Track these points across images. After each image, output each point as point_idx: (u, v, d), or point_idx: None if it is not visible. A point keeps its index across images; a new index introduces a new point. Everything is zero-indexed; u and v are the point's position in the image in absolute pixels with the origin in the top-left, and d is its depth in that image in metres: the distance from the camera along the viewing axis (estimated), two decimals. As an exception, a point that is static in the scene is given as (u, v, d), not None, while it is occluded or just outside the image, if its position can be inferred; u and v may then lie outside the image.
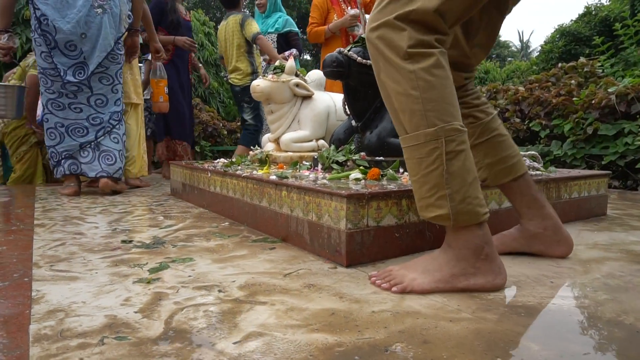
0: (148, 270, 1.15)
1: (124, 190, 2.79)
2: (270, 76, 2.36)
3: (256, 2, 4.01)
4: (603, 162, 3.25)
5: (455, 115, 0.98)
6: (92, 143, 2.58)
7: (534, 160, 1.92)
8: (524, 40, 30.39)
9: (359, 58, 1.72)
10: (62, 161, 2.58)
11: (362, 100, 1.82)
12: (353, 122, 1.89)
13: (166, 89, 3.24)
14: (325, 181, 1.47)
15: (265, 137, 2.57)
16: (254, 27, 3.36)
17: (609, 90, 3.31)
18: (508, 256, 1.28)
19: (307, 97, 2.42)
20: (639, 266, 1.21)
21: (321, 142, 2.42)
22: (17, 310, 0.88)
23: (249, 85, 3.23)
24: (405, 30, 0.97)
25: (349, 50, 1.75)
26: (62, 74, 2.45)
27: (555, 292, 1.00)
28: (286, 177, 1.56)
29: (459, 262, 1.00)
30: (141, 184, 3.07)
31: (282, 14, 4.03)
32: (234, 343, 0.74)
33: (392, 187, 1.30)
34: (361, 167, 1.59)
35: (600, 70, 4.23)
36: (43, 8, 2.37)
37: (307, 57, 22.28)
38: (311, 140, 2.39)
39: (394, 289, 1.00)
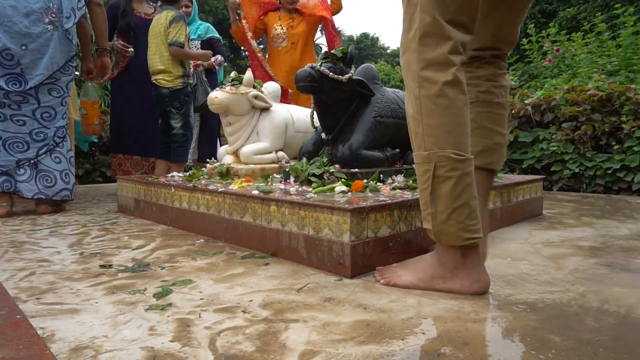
0: (154, 296, 1.10)
1: (63, 210, 2.58)
2: (228, 88, 2.33)
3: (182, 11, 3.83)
4: (523, 166, 3.65)
5: (451, 143, 1.02)
6: (31, 161, 2.37)
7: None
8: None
9: (330, 74, 1.78)
10: None
11: (333, 114, 1.88)
12: (323, 135, 1.95)
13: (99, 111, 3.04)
14: (312, 194, 1.50)
15: (222, 149, 2.53)
16: (179, 34, 2.99)
17: (525, 101, 3.72)
18: (489, 257, 1.41)
19: (265, 109, 2.43)
20: (593, 260, 1.40)
21: (280, 153, 2.43)
22: (34, 352, 0.81)
23: (180, 88, 3.08)
24: (416, 53, 1.03)
25: (320, 65, 1.80)
26: None
27: (543, 288, 1.14)
28: (270, 192, 1.56)
29: (440, 266, 1.12)
30: None
31: (202, 22, 3.98)
32: (295, 363, 0.76)
33: (384, 199, 1.38)
34: (343, 180, 1.64)
35: (513, 83, 4.73)
36: None
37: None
38: (271, 152, 2.40)
39: (381, 281, 1.17)
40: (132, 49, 3.19)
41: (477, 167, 1.18)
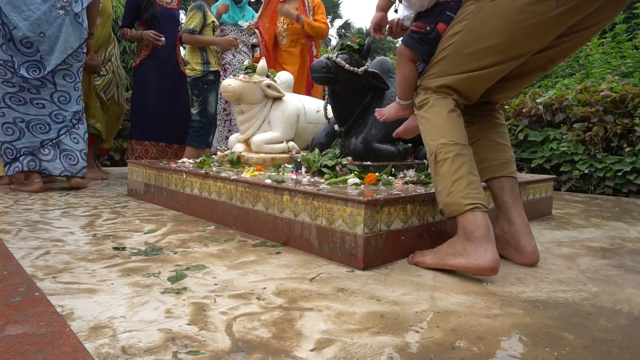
0: (168, 280, 1.11)
1: (83, 187, 2.77)
2: (241, 76, 2.33)
3: None
4: (532, 165, 3.63)
5: (443, 134, 1.26)
6: (53, 141, 2.55)
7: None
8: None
9: (346, 65, 1.77)
10: (21, 158, 2.51)
11: (347, 105, 1.87)
12: (335, 127, 1.95)
13: None
14: (324, 185, 1.51)
15: (233, 138, 2.53)
16: (190, 21, 3.09)
17: (537, 100, 3.70)
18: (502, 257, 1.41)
19: (278, 99, 2.43)
20: (604, 261, 1.40)
21: (291, 143, 2.44)
22: (55, 329, 0.82)
23: (199, 77, 3.13)
24: (419, 94, 1.37)
25: (336, 57, 1.79)
26: (15, 66, 2.37)
27: (555, 286, 1.14)
28: (283, 181, 1.57)
29: (454, 244, 1.23)
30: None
31: (251, 9, 3.93)
32: (311, 350, 0.77)
33: (398, 192, 1.38)
34: (355, 172, 1.65)
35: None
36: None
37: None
38: (282, 142, 2.40)
39: (409, 260, 1.33)
40: (163, 38, 3.19)
41: (505, 176, 1.41)
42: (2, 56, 2.38)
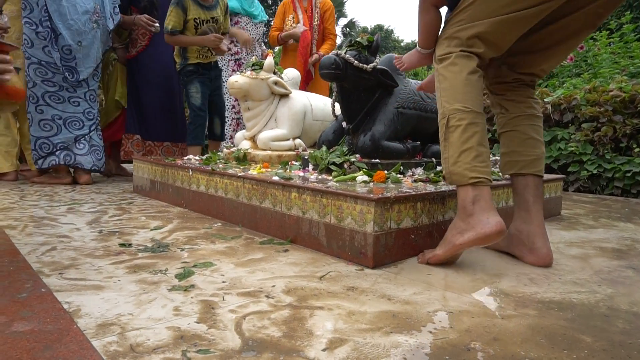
0: (175, 277, 1.10)
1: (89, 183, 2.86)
2: (248, 72, 2.32)
3: None
4: (539, 165, 3.60)
5: (459, 99, 1.21)
6: (87, 136, 2.77)
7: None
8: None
9: (355, 62, 1.75)
10: (58, 152, 2.68)
11: (356, 102, 1.85)
12: (343, 124, 1.93)
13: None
14: (333, 183, 1.49)
15: (240, 134, 2.52)
16: (168, 21, 2.76)
17: (545, 100, 3.66)
18: (514, 256, 1.39)
19: (285, 96, 2.41)
20: (617, 262, 1.38)
21: (298, 141, 2.42)
22: (61, 326, 0.81)
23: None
24: (442, 45, 1.29)
25: (345, 53, 1.77)
26: (61, 68, 2.62)
27: (569, 287, 1.12)
28: (290, 179, 1.55)
29: (457, 222, 1.22)
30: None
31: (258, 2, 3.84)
32: (323, 350, 0.75)
33: (407, 190, 1.36)
34: (364, 170, 1.63)
35: (531, 81, 4.65)
36: (50, 6, 2.54)
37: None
38: (288, 139, 2.38)
39: (419, 260, 1.31)
40: (157, 24, 3.04)
41: (530, 174, 1.36)
42: (43, 57, 2.59)
